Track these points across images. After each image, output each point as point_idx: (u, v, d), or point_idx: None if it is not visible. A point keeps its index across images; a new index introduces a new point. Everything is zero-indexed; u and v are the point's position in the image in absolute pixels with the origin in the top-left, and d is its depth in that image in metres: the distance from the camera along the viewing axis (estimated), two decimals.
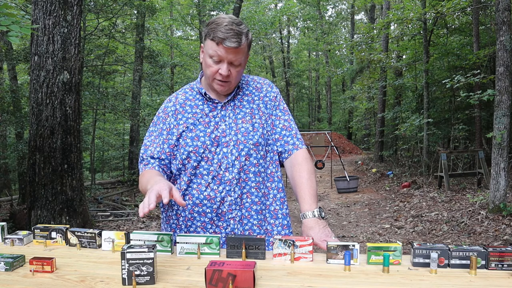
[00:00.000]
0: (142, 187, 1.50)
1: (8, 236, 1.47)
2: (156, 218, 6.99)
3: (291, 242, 1.26)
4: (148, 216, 7.06)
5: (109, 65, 11.22)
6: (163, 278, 1.14)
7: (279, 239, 1.28)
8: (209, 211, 1.51)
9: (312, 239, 1.30)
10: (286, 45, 30.51)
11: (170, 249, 1.36)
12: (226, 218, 1.51)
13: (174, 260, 1.30)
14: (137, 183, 11.45)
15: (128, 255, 1.10)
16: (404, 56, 14.83)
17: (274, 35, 27.53)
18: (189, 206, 1.52)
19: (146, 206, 1.21)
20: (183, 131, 1.53)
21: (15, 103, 8.31)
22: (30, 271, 1.18)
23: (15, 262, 1.22)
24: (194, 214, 1.52)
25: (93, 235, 1.41)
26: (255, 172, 1.53)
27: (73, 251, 1.40)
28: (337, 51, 25.54)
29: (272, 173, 1.58)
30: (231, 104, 1.57)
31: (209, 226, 1.52)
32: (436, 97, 12.22)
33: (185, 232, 1.55)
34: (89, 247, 1.42)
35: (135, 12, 11.46)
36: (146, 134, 1.64)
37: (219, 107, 1.56)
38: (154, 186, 1.28)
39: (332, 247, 1.25)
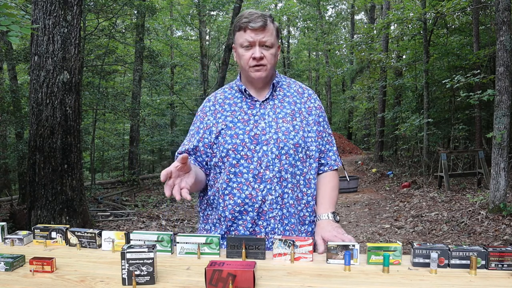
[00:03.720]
0: None
1: (8, 236, 1.47)
2: (156, 218, 7.00)
3: (291, 242, 1.26)
4: (148, 216, 7.06)
5: (109, 65, 11.22)
6: (163, 278, 1.14)
7: (279, 239, 1.28)
8: (251, 210, 1.49)
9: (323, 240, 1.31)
10: (286, 45, 30.50)
11: (170, 249, 1.36)
12: (267, 217, 1.49)
13: (174, 260, 1.30)
14: (137, 183, 11.46)
15: (128, 255, 1.10)
16: (404, 56, 14.83)
17: None
18: (229, 206, 1.50)
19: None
20: (222, 129, 1.52)
21: (15, 103, 8.31)
22: (30, 271, 1.18)
23: (15, 262, 1.22)
24: (236, 214, 1.50)
25: (93, 235, 1.41)
26: (292, 172, 1.52)
27: (73, 251, 1.40)
28: (337, 51, 25.53)
29: (310, 179, 1.57)
30: (271, 103, 1.57)
31: (250, 225, 1.50)
32: (436, 97, 12.22)
33: (225, 232, 1.53)
34: (89, 247, 1.42)
35: (135, 12, 11.45)
36: (187, 134, 1.65)
37: (257, 105, 1.56)
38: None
39: (332, 247, 1.25)
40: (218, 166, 1.53)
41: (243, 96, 1.58)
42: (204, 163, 1.57)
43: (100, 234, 1.42)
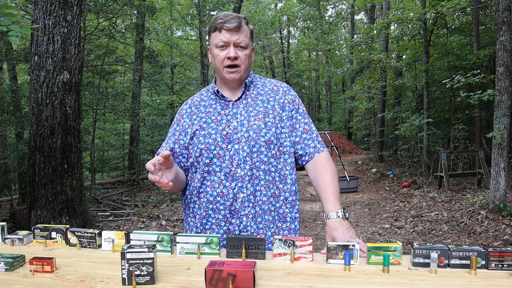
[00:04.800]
0: None
1: (8, 236, 1.47)
2: (156, 218, 6.99)
3: (291, 242, 1.26)
4: (148, 216, 7.06)
5: (109, 65, 11.21)
6: (163, 278, 1.14)
7: (279, 239, 1.28)
8: (223, 208, 1.51)
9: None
10: (286, 45, 30.49)
11: (170, 249, 1.36)
12: (239, 215, 1.51)
13: (174, 260, 1.30)
14: (137, 183, 11.46)
15: (128, 255, 1.10)
16: (404, 56, 14.83)
17: (274, 35, 27.53)
18: (203, 203, 1.54)
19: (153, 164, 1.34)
20: (196, 129, 1.56)
21: (15, 103, 8.31)
22: (30, 271, 1.18)
23: (15, 262, 1.22)
24: (209, 211, 1.53)
25: (93, 235, 1.41)
26: (265, 170, 1.53)
27: (73, 251, 1.40)
28: (337, 51, 25.54)
29: (285, 175, 1.58)
30: (244, 102, 1.59)
31: (223, 224, 1.52)
32: (436, 97, 12.22)
33: (201, 230, 1.56)
34: (89, 247, 1.42)
35: (135, 12, 11.45)
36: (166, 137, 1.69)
37: (230, 105, 1.58)
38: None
39: (332, 247, 1.25)
40: (194, 166, 1.57)
41: (217, 98, 1.61)
42: (182, 164, 1.60)
43: (100, 234, 1.42)
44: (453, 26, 12.22)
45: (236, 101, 1.59)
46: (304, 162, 1.61)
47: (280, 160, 1.57)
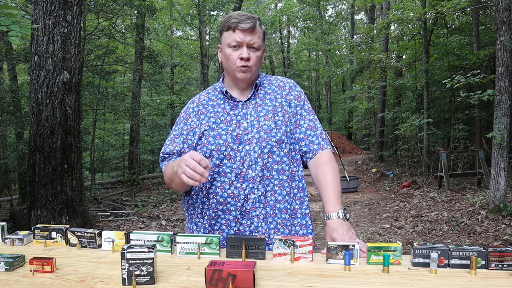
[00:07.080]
0: (168, 176, 1.52)
1: (8, 236, 1.47)
2: (156, 218, 6.99)
3: (291, 242, 1.26)
4: (148, 216, 7.06)
5: (109, 65, 11.22)
6: (163, 278, 1.14)
7: (279, 239, 1.28)
8: (233, 209, 1.50)
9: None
10: (286, 45, 30.49)
11: (170, 249, 1.36)
12: (250, 216, 1.50)
13: (174, 260, 1.30)
14: (137, 183, 11.46)
15: (128, 255, 1.10)
16: (404, 56, 14.83)
17: (274, 35, 27.51)
18: (213, 205, 1.52)
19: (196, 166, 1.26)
20: (205, 130, 1.54)
21: (15, 103, 8.31)
22: (30, 271, 1.18)
23: (15, 262, 1.22)
24: (219, 212, 1.52)
25: (93, 235, 1.41)
26: (278, 170, 1.52)
27: (73, 251, 1.40)
28: (337, 51, 25.55)
29: (293, 172, 1.57)
30: (252, 102, 1.58)
31: (233, 224, 1.51)
32: (436, 97, 12.23)
33: (209, 231, 1.54)
34: (89, 247, 1.42)
35: (135, 12, 11.45)
36: (169, 135, 1.66)
37: (240, 105, 1.57)
38: (183, 156, 1.31)
39: (332, 247, 1.25)
40: None
41: (226, 98, 1.59)
42: None
43: (100, 234, 1.42)
44: (453, 26, 12.23)
45: (245, 101, 1.57)
46: (308, 159, 1.60)
47: (290, 158, 1.57)
